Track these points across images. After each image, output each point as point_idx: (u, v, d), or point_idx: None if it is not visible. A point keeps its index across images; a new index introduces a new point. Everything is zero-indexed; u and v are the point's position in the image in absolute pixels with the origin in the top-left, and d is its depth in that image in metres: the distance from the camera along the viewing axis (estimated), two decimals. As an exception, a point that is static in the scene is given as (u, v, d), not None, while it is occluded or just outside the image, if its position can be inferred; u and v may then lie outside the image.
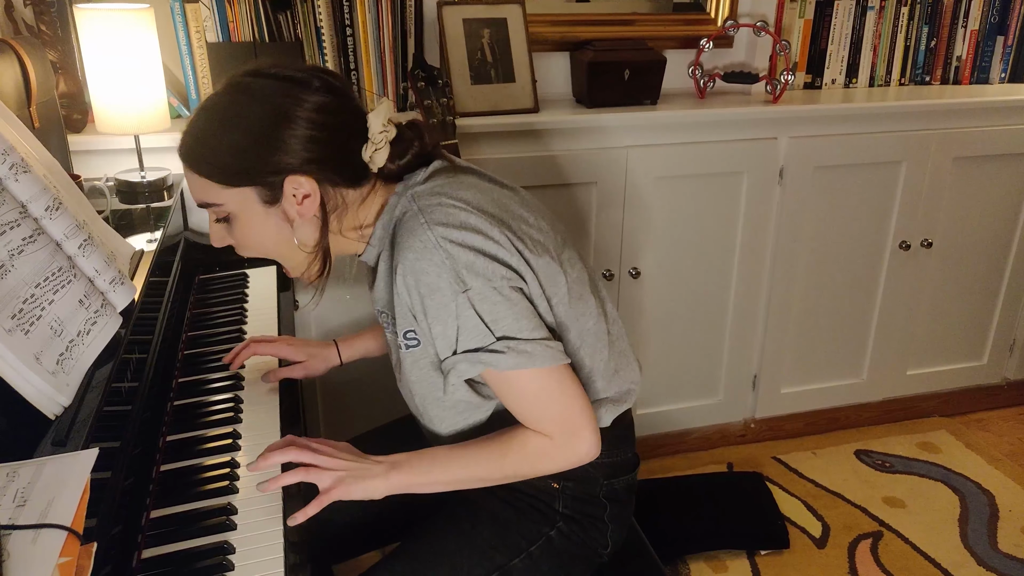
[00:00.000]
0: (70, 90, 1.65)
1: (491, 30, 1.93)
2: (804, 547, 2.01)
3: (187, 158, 1.03)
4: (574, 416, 1.04)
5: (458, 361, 1.02)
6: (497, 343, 1.00)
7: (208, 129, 1.01)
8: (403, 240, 1.02)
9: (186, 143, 1.03)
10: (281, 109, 0.98)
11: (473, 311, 0.99)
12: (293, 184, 1.01)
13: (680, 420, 2.32)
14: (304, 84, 1.00)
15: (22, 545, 0.68)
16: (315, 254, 1.07)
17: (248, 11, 1.76)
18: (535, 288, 1.05)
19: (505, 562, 1.14)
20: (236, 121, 1.00)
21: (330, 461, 1.04)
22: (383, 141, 1.05)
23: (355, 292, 1.90)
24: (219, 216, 1.06)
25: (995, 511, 2.14)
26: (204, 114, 1.02)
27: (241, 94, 1.01)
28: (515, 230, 1.05)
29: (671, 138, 2.00)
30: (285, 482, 1.02)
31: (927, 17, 2.33)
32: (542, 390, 1.03)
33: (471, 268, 0.99)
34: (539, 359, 1.01)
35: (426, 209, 1.03)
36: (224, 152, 1.00)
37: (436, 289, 0.99)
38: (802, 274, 2.23)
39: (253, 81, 1.01)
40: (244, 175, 1.00)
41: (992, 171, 2.28)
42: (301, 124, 0.99)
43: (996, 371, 2.57)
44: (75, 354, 0.90)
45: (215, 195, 1.03)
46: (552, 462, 1.06)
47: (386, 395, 1.70)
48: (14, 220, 0.91)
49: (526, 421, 1.05)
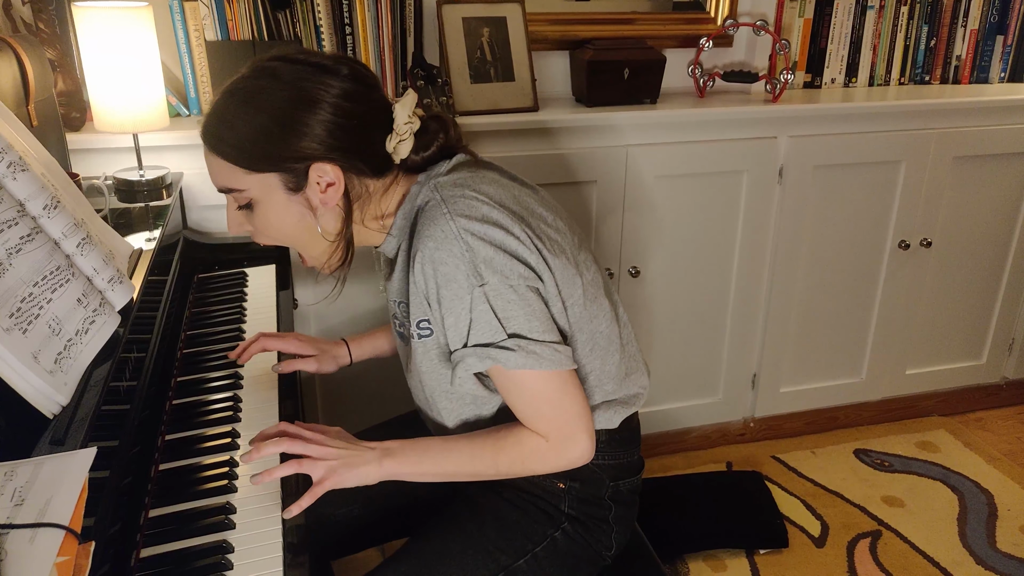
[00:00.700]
0: (68, 88, 1.65)
1: (491, 29, 1.93)
2: (803, 546, 2.01)
3: (210, 140, 1.02)
4: (572, 421, 1.04)
5: (467, 354, 1.02)
6: (508, 340, 1.00)
7: (231, 111, 1.00)
8: (424, 229, 1.01)
9: (209, 125, 1.01)
10: (307, 94, 0.98)
11: (488, 306, 0.99)
12: (318, 172, 1.00)
13: (679, 419, 2.32)
14: (332, 71, 1.00)
15: (20, 544, 0.68)
16: (337, 244, 1.07)
17: (247, 9, 1.75)
18: (551, 288, 1.05)
19: (510, 563, 1.14)
20: (260, 104, 0.99)
21: (322, 450, 1.03)
22: (408, 132, 1.05)
23: (359, 289, 1.90)
24: (240, 203, 1.05)
25: (994, 510, 2.15)
26: (228, 96, 1.00)
27: (266, 78, 0.99)
28: (535, 228, 1.05)
29: (671, 137, 1.99)
30: (278, 474, 1.01)
31: (927, 16, 2.33)
32: (545, 392, 1.03)
33: (489, 263, 0.99)
34: (547, 361, 1.01)
35: (449, 199, 1.02)
36: (248, 135, 0.99)
37: (452, 280, 0.99)
38: (802, 273, 2.23)
39: (280, 65, 1.00)
40: (268, 160, 1.00)
41: (991, 171, 2.28)
42: (326, 110, 0.98)
43: (995, 370, 2.57)
44: (73, 353, 0.90)
45: (238, 180, 1.02)
46: (544, 463, 1.07)
47: (386, 393, 1.70)
48: (12, 219, 0.91)
49: (525, 420, 1.06)
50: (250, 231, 1.09)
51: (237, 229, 1.09)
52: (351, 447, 1.06)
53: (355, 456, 1.04)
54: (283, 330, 1.46)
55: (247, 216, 1.06)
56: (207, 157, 1.03)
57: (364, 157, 1.03)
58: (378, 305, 1.94)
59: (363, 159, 1.03)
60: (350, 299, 1.92)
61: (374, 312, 1.94)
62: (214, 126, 1.01)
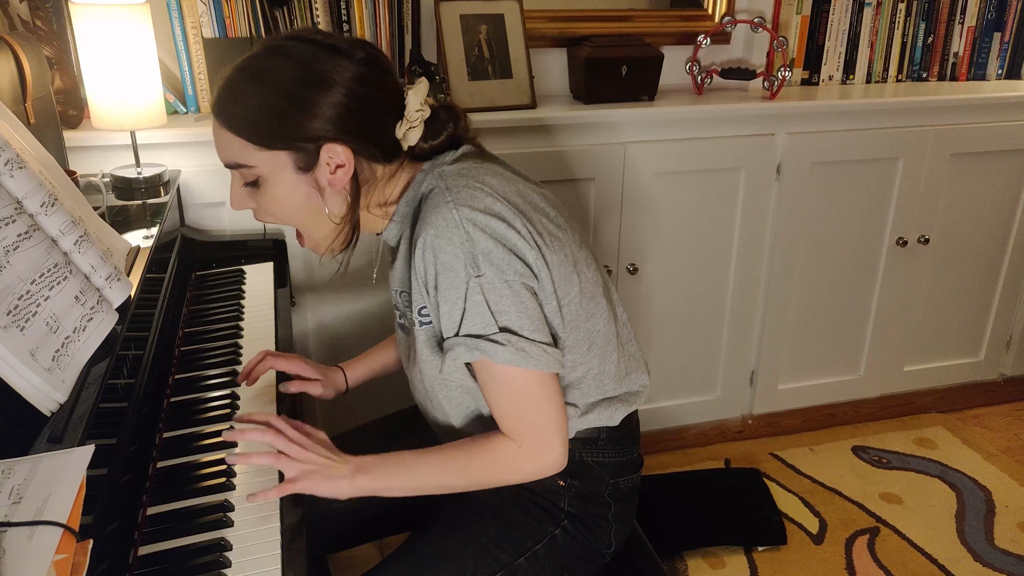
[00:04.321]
0: (66, 86, 1.65)
1: (488, 26, 1.93)
2: (801, 543, 2.01)
3: (220, 113, 1.01)
4: (548, 426, 1.04)
5: (457, 343, 1.02)
6: (499, 334, 1.00)
7: (242, 85, 1.00)
8: (426, 215, 1.02)
9: (220, 98, 1.01)
10: (319, 74, 0.98)
11: (482, 297, 0.99)
12: (329, 152, 1.00)
13: (677, 416, 2.32)
14: (346, 54, 1.00)
15: (18, 542, 0.68)
16: (342, 227, 1.07)
17: (244, 6, 1.75)
18: (547, 285, 1.04)
19: (510, 561, 1.13)
20: (271, 80, 0.98)
21: (300, 452, 1.03)
22: (418, 120, 1.05)
23: (357, 287, 1.90)
24: (247, 180, 1.04)
25: (991, 507, 2.15)
26: (239, 72, 1.00)
27: (279, 56, 1.00)
28: (536, 224, 1.05)
29: (669, 134, 1.99)
30: (255, 461, 1.03)
31: (924, 13, 2.33)
32: (526, 391, 1.03)
33: (488, 256, 0.99)
34: (534, 360, 1.01)
35: (453, 188, 1.03)
36: (258, 111, 0.99)
37: (450, 268, 0.99)
38: (800, 270, 2.23)
39: (294, 45, 1.00)
40: (279, 137, 0.99)
41: (989, 167, 2.28)
42: (339, 92, 0.98)
43: (993, 367, 2.58)
44: (71, 351, 0.90)
45: (248, 156, 1.01)
46: (516, 470, 1.06)
47: (385, 391, 1.70)
48: (9, 216, 0.91)
49: (501, 419, 1.05)
50: (253, 208, 1.08)
51: (239, 205, 1.08)
52: (330, 457, 1.05)
53: (331, 467, 1.04)
54: (281, 327, 1.46)
55: (252, 193, 1.06)
56: (216, 131, 1.02)
57: (375, 141, 1.03)
58: (376, 304, 1.94)
59: (374, 143, 1.03)
60: (348, 297, 1.92)
61: (372, 311, 1.94)
62: (224, 98, 1.01)
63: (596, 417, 1.15)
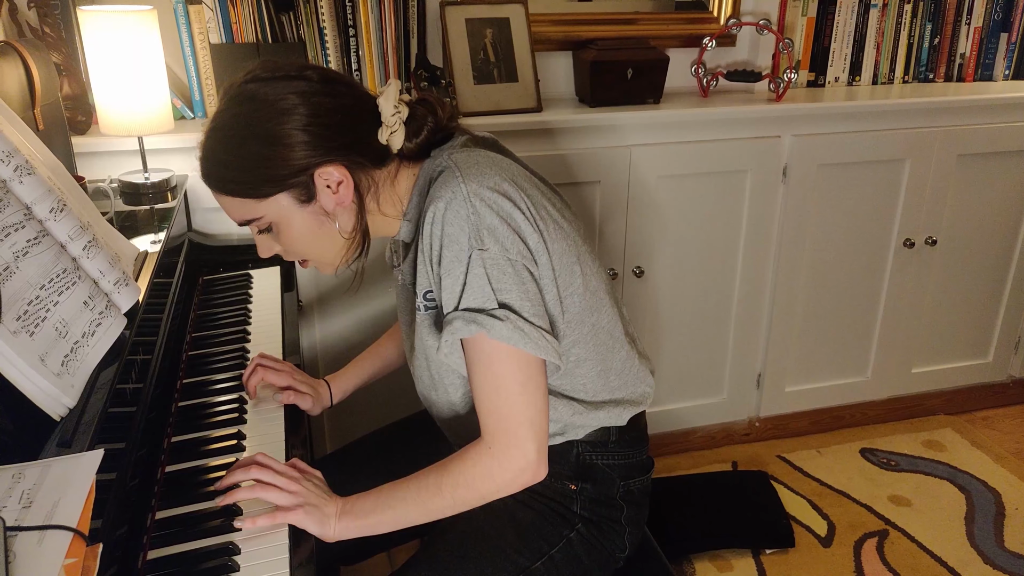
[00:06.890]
0: (74, 92, 1.66)
1: (494, 30, 1.93)
2: (810, 546, 2.00)
3: (213, 183, 1.04)
4: (524, 423, 1.01)
5: (456, 317, 1.01)
6: (498, 310, 0.99)
7: (217, 147, 1.02)
8: (435, 191, 1.02)
9: (206, 170, 1.03)
10: (277, 103, 0.99)
11: (483, 271, 0.99)
12: (323, 177, 1.01)
13: (684, 419, 2.32)
14: (300, 77, 1.01)
15: (28, 546, 0.68)
16: (353, 238, 1.07)
17: (251, 12, 1.76)
18: (546, 272, 1.04)
19: (528, 565, 1.13)
20: (240, 131, 1.00)
21: (291, 484, 1.03)
22: (397, 123, 1.05)
23: (363, 291, 1.90)
24: (262, 228, 1.06)
25: (1001, 509, 2.14)
26: (214, 135, 1.02)
27: (238, 104, 1.01)
28: (539, 208, 1.05)
29: (674, 137, 1.99)
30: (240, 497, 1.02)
31: (930, 14, 2.33)
32: (514, 375, 1.00)
33: (493, 231, 0.99)
34: (532, 343, 0.99)
35: (463, 164, 1.03)
36: (244, 167, 1.00)
37: (455, 240, 1.00)
38: (806, 272, 2.22)
39: (251, 87, 1.01)
40: (269, 182, 1.01)
41: (996, 168, 2.27)
42: (300, 111, 0.99)
43: (1001, 369, 2.57)
44: (80, 355, 0.90)
45: (252, 210, 1.03)
46: (493, 481, 1.03)
47: (392, 394, 1.70)
48: (19, 222, 0.91)
49: (479, 404, 1.03)
50: (279, 252, 1.10)
51: (267, 252, 1.10)
52: (320, 495, 1.05)
53: (318, 507, 1.03)
54: (288, 332, 1.46)
55: (272, 238, 1.08)
56: (216, 197, 1.05)
57: (360, 150, 1.04)
58: (382, 308, 1.94)
59: (360, 152, 1.04)
60: (355, 301, 1.92)
61: (377, 315, 1.94)
62: (211, 169, 1.03)
63: (605, 416, 1.15)
